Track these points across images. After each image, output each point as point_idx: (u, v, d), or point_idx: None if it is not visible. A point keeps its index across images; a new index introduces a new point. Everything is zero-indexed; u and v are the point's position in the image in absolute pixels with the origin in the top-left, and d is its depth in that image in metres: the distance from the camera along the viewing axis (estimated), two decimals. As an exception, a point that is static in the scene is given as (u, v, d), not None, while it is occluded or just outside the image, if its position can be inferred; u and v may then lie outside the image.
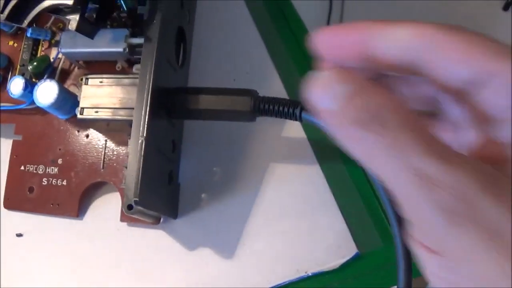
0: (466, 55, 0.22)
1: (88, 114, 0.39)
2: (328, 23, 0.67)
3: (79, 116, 0.39)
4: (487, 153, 0.22)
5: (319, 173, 0.41)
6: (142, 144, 0.34)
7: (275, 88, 0.44)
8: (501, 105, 0.22)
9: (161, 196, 0.38)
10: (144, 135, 0.34)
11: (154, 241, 0.41)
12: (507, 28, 0.44)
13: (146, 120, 0.34)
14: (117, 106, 0.39)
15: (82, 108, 0.39)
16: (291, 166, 0.42)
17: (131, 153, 0.34)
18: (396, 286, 0.36)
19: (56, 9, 0.36)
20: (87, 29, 0.37)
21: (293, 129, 0.43)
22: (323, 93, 0.22)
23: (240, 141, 0.43)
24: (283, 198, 0.41)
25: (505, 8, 0.45)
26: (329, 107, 0.22)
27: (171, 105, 0.37)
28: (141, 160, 0.33)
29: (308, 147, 0.42)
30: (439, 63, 0.23)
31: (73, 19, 0.36)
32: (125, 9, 0.42)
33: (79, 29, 0.36)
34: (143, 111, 0.34)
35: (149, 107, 0.34)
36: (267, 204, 0.41)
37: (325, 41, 0.25)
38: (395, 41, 0.23)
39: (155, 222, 0.41)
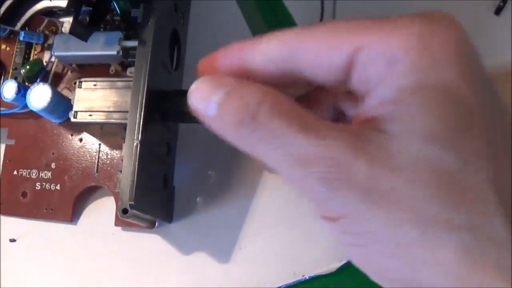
0: (327, 44, 0.25)
1: (82, 117, 0.39)
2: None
3: (72, 119, 0.39)
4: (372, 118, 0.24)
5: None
6: (137, 147, 0.34)
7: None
8: (372, 75, 0.24)
9: (156, 200, 0.38)
10: (139, 138, 0.34)
11: (149, 246, 0.41)
12: (499, 33, 0.44)
13: (141, 123, 0.34)
14: (111, 109, 0.39)
15: (76, 112, 0.39)
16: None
17: (125, 157, 0.34)
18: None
19: (49, 12, 0.36)
20: (81, 31, 0.37)
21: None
22: (201, 101, 0.26)
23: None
24: (279, 201, 0.41)
25: (497, 12, 0.45)
26: (208, 113, 0.25)
27: (166, 108, 0.37)
28: (136, 164, 0.33)
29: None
30: (309, 62, 0.26)
31: (67, 22, 0.36)
32: (119, 12, 0.42)
33: (72, 31, 0.36)
34: (137, 114, 0.34)
35: (144, 110, 0.34)
36: (263, 207, 0.41)
37: (207, 69, 0.28)
38: (265, 54, 0.26)
39: (150, 226, 0.41)
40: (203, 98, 0.26)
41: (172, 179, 0.41)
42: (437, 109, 0.22)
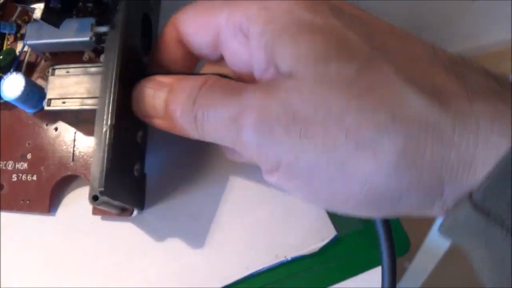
0: (199, 23, 0.32)
1: (56, 105, 0.40)
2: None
3: (46, 107, 0.40)
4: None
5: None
6: (106, 133, 0.34)
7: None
8: (236, 47, 0.31)
9: (127, 187, 0.39)
10: (109, 123, 0.34)
11: (127, 234, 0.42)
12: (475, 18, 0.45)
13: (110, 108, 0.35)
14: (84, 95, 0.39)
15: (49, 100, 0.40)
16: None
17: (96, 143, 0.35)
18: (380, 266, 0.38)
19: (20, -1, 0.37)
20: (53, 18, 0.38)
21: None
22: (146, 107, 0.32)
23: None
24: (258, 183, 0.42)
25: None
26: (156, 115, 0.32)
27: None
28: (106, 150, 0.34)
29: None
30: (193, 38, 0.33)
31: (38, 8, 0.37)
32: (90, -4, 0.43)
33: (44, 17, 0.37)
34: (107, 99, 0.35)
35: (114, 95, 0.35)
36: (241, 190, 0.42)
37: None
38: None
39: (127, 214, 0.41)
40: (148, 105, 0.32)
41: (144, 165, 0.42)
42: (306, 37, 0.25)
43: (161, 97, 0.30)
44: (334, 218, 0.41)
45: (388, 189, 0.24)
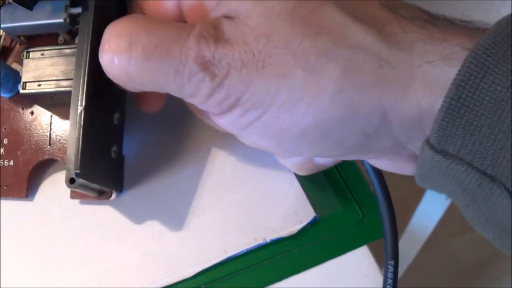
0: None
1: (31, 88, 0.40)
2: None
3: (21, 91, 0.40)
4: None
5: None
6: (81, 114, 0.34)
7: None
8: None
9: (104, 169, 0.39)
10: (83, 104, 0.34)
11: (105, 218, 0.42)
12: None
13: (85, 89, 0.34)
14: (60, 77, 0.39)
15: (24, 83, 0.40)
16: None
17: (71, 125, 0.34)
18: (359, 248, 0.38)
19: (-10, -21, 0.36)
20: (25, 0, 0.38)
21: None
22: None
23: (188, 110, 0.43)
24: (236, 166, 0.42)
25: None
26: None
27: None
28: (81, 131, 0.34)
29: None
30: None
31: (10, -10, 0.36)
32: (64, -22, 0.42)
33: (16, -1, 0.36)
34: (81, 80, 0.35)
35: (88, 75, 0.35)
36: (219, 173, 0.42)
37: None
38: None
39: (106, 197, 0.41)
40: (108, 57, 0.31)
41: (121, 147, 0.42)
42: None
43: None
44: (314, 200, 0.41)
45: (333, 112, 0.26)
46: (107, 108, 0.39)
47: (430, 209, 1.11)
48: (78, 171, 0.33)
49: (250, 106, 0.26)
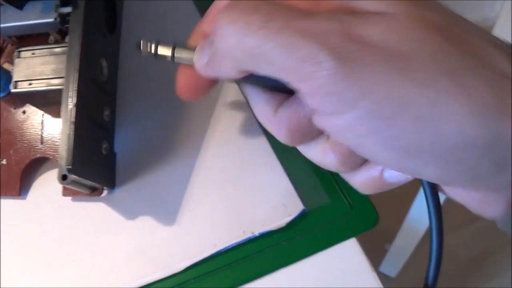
0: None
1: (22, 87, 0.40)
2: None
3: (13, 90, 0.41)
4: None
5: (260, 133, 0.43)
6: (72, 111, 0.35)
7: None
8: None
9: (96, 165, 0.40)
10: (74, 102, 0.35)
11: (97, 214, 0.43)
12: None
13: (76, 87, 0.35)
14: (50, 76, 0.40)
15: (16, 82, 0.41)
16: (231, 129, 0.44)
17: (63, 122, 0.35)
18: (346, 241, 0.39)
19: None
20: (15, 0, 0.38)
21: (232, 92, 0.44)
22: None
23: (177, 107, 0.44)
24: (225, 161, 0.43)
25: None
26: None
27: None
28: (73, 128, 0.35)
29: (248, 109, 0.44)
30: None
31: (0, -10, 0.37)
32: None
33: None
34: (72, 78, 0.35)
35: (79, 73, 0.35)
36: (208, 168, 0.43)
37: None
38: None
39: (97, 194, 0.42)
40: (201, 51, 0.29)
41: (113, 144, 0.43)
42: None
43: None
44: (302, 193, 0.41)
45: (479, 135, 0.23)
46: (98, 105, 0.40)
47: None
48: (70, 167, 0.34)
49: (380, 110, 0.24)
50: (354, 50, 0.23)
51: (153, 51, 0.30)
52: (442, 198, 0.30)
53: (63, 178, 0.36)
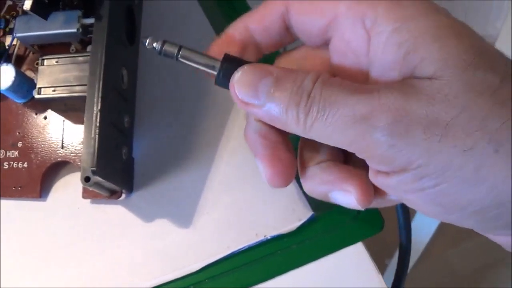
0: (311, 8, 0.30)
1: (46, 93, 0.43)
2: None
3: (36, 96, 0.43)
4: None
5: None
6: (97, 115, 0.37)
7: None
8: (352, 39, 0.29)
9: (116, 169, 0.42)
10: (99, 107, 0.37)
11: (115, 217, 0.45)
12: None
13: (100, 94, 0.37)
14: (73, 83, 0.42)
15: (40, 88, 0.43)
16: (244, 138, 0.45)
17: (86, 126, 0.37)
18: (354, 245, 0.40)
19: (10, -9, 0.39)
20: (41, 10, 0.41)
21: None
22: (248, 94, 0.29)
23: (192, 116, 0.46)
24: (237, 167, 0.45)
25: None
26: (257, 104, 0.29)
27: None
28: (97, 131, 0.37)
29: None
30: (299, 23, 0.32)
31: (28, 0, 0.39)
32: (76, -9, 0.45)
33: (33, 9, 0.39)
34: (96, 85, 0.38)
35: (103, 81, 0.38)
36: (222, 174, 0.45)
37: (222, 48, 0.32)
38: (266, 19, 0.32)
39: (115, 197, 0.44)
40: (251, 90, 0.29)
41: (131, 150, 0.45)
42: (454, 42, 0.26)
43: (266, 86, 0.28)
44: (311, 198, 0.43)
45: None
46: (118, 112, 0.42)
47: (426, 220, 1.13)
48: (94, 168, 0.36)
49: (427, 174, 0.25)
50: (400, 124, 0.25)
51: (158, 47, 0.32)
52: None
53: (86, 180, 0.37)
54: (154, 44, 0.32)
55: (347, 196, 0.31)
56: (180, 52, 0.31)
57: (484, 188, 0.25)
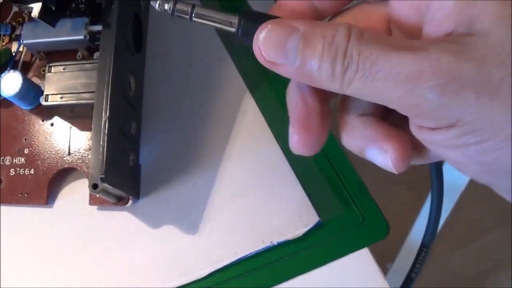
0: None
1: (53, 100, 0.43)
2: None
3: (44, 103, 0.43)
4: None
5: (277, 148, 0.46)
6: (105, 123, 0.37)
7: (230, 75, 0.49)
8: None
9: (124, 176, 0.42)
10: (108, 114, 0.38)
11: (121, 223, 0.45)
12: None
13: (109, 101, 0.38)
14: (81, 90, 0.42)
15: (47, 95, 0.43)
16: (249, 144, 0.46)
17: (94, 133, 0.38)
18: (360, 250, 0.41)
19: (18, -2, 0.40)
20: (49, 17, 0.41)
21: (251, 109, 0.47)
22: (276, 54, 0.28)
23: (197, 123, 0.47)
24: (244, 174, 0.45)
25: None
26: (288, 64, 0.27)
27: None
28: (105, 139, 0.37)
29: (265, 126, 0.47)
30: None
31: (35, 7, 0.39)
32: (83, -1, 0.46)
33: (41, 16, 0.39)
34: (104, 93, 0.38)
35: (111, 88, 0.38)
36: (229, 180, 0.45)
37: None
38: None
39: (122, 203, 0.44)
40: (278, 50, 0.28)
41: (138, 156, 0.45)
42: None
43: (294, 43, 0.27)
44: (317, 205, 0.44)
45: None
46: (126, 118, 0.42)
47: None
48: (103, 176, 0.37)
49: (473, 130, 0.25)
50: (452, 84, 0.25)
51: (170, 8, 0.30)
52: (443, 218, 0.33)
53: (94, 187, 0.38)
54: (166, 6, 0.30)
55: (383, 155, 0.30)
56: (194, 10, 0.30)
57: None
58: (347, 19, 0.32)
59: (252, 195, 0.45)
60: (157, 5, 0.30)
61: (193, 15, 0.30)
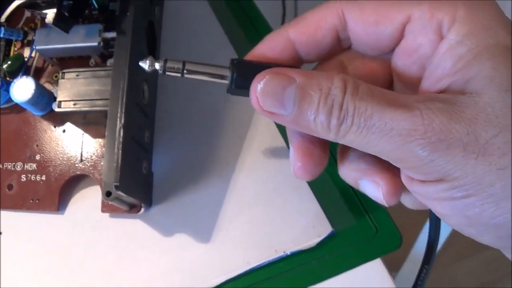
0: (378, 15, 0.30)
1: (66, 106, 0.43)
2: (282, 23, 0.72)
3: (57, 109, 0.43)
4: None
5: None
6: (120, 130, 0.37)
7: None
8: (422, 43, 0.29)
9: (137, 183, 0.42)
10: (122, 122, 0.37)
11: (133, 231, 0.45)
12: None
13: (124, 109, 0.38)
14: (94, 97, 0.42)
15: (60, 101, 0.43)
16: (262, 154, 0.46)
17: (108, 141, 0.37)
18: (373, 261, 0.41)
19: (32, 4, 0.40)
20: (63, 23, 0.41)
21: (264, 118, 0.47)
22: (273, 105, 0.29)
23: (211, 130, 0.47)
24: (257, 184, 0.45)
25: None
26: (284, 114, 0.28)
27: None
28: (120, 146, 0.37)
29: (278, 135, 0.47)
30: (359, 32, 0.31)
31: (50, 13, 0.39)
32: (96, 6, 0.46)
33: (56, 22, 0.39)
34: (119, 100, 0.38)
35: (126, 96, 0.38)
36: (241, 190, 0.45)
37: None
38: (315, 27, 0.32)
39: (135, 211, 0.44)
40: (276, 101, 0.28)
41: (151, 164, 0.45)
42: (505, 63, 0.26)
43: (291, 94, 0.28)
44: (330, 215, 0.44)
45: None
46: (140, 127, 0.42)
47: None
48: (117, 184, 0.36)
49: (459, 185, 0.26)
50: (443, 143, 0.26)
51: (161, 68, 0.30)
52: (449, 230, 0.33)
53: (108, 194, 0.38)
54: (156, 65, 0.30)
55: (375, 188, 0.32)
56: (185, 67, 0.30)
57: (509, 204, 0.26)
58: (334, 66, 0.33)
59: (265, 205, 0.45)
60: (147, 66, 0.31)
61: (184, 71, 0.30)
